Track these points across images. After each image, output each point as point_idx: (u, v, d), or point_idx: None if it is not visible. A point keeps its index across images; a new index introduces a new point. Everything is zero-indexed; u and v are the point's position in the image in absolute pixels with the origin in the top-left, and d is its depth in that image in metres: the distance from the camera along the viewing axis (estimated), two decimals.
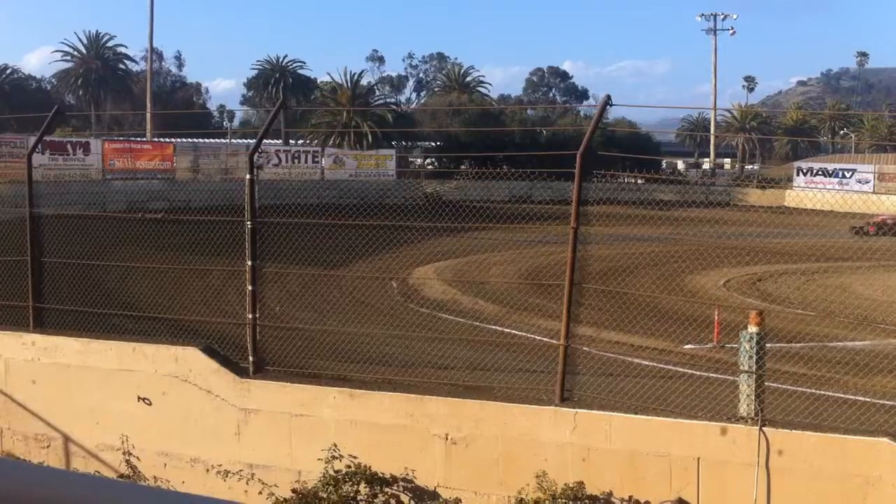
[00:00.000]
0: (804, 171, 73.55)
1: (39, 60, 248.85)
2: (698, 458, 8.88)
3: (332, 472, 9.86)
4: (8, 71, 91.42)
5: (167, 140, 61.52)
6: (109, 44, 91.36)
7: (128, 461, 11.32)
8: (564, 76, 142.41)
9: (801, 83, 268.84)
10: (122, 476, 11.19)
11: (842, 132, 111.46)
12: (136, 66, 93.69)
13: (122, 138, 65.52)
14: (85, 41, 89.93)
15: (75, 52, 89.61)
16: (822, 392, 13.61)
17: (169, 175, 56.17)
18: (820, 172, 71.45)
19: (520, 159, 46.34)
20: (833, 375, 15.69)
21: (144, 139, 66.42)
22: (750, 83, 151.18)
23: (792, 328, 18.95)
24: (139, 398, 11.38)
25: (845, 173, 69.33)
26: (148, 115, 73.19)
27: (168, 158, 57.72)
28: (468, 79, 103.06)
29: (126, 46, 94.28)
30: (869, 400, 12.16)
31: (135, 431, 11.29)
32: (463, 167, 63.29)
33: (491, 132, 67.09)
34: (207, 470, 10.98)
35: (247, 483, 10.53)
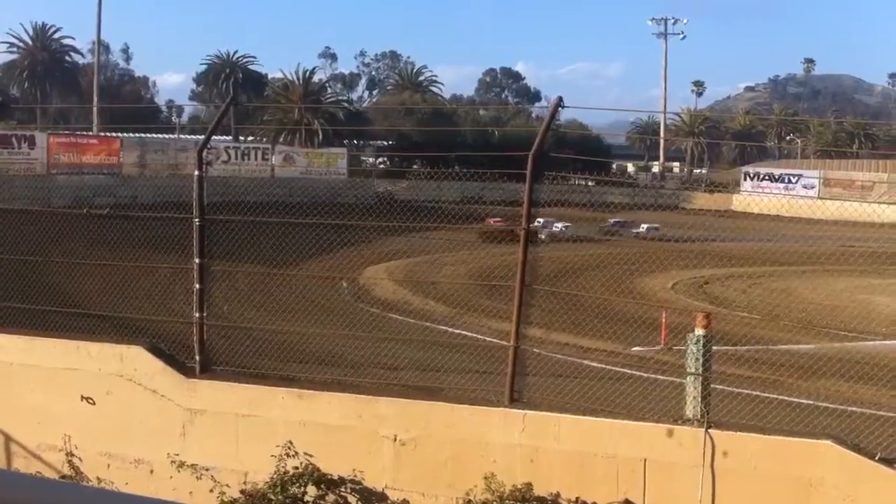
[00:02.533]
0: (751, 175, 74.68)
1: None
2: (645, 460, 8.93)
3: (281, 472, 9.76)
4: None
5: (114, 135, 60.58)
6: (56, 35, 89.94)
7: (70, 461, 11.10)
8: (517, 77, 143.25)
9: (749, 88, 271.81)
10: (64, 477, 10.97)
11: (788, 138, 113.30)
12: (83, 59, 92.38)
13: (68, 132, 64.37)
14: (31, 33, 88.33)
15: (21, 44, 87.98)
16: (767, 394, 13.83)
17: (115, 170, 55.35)
18: (767, 177, 72.55)
19: (472, 160, 46.42)
20: (777, 378, 15.94)
21: (91, 133, 65.32)
22: (699, 88, 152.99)
23: (738, 331, 19.22)
24: (83, 397, 11.16)
25: (791, 178, 70.43)
26: (95, 109, 72.02)
27: (115, 153, 56.88)
28: (421, 78, 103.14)
29: (73, 38, 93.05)
30: (812, 402, 12.39)
31: (78, 431, 11.06)
32: (415, 167, 63.29)
33: (443, 132, 67.09)
34: (152, 471, 10.82)
35: (196, 480, 10.38)
